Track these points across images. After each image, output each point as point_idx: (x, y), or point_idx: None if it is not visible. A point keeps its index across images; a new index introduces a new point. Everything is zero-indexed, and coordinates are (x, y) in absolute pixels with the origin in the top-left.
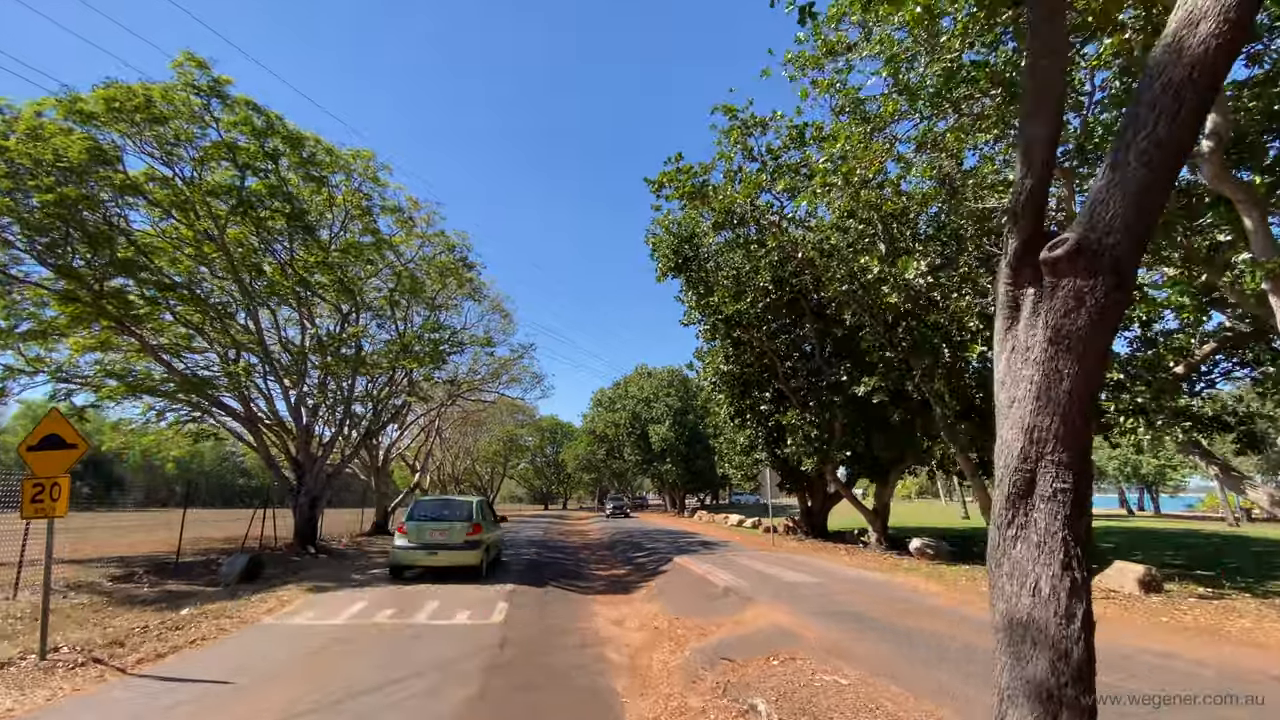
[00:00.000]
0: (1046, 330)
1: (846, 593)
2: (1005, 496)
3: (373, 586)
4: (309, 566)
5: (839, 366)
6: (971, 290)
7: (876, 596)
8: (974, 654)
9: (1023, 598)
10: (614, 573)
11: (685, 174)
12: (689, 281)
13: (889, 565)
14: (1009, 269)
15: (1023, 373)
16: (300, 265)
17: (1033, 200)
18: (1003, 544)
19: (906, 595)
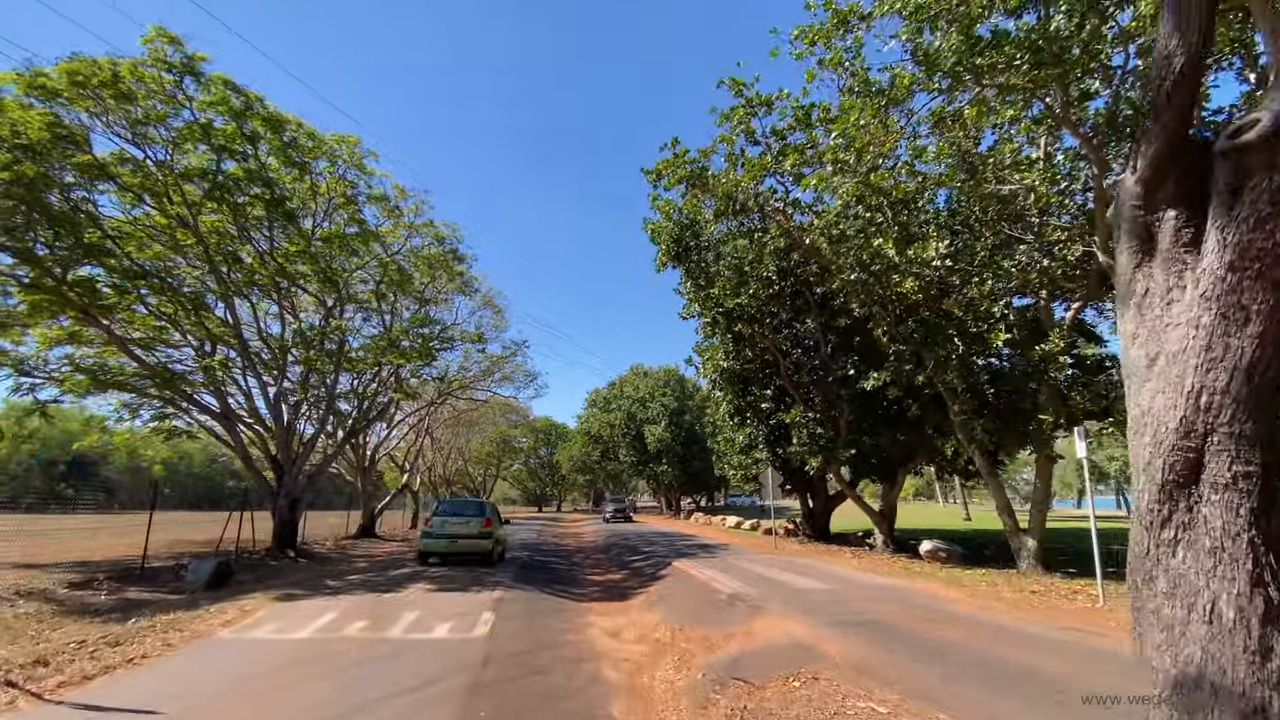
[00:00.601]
0: (1226, 252)
1: (863, 600)
2: (1158, 486)
3: (348, 594)
4: (286, 572)
5: (846, 361)
6: (991, 275)
7: (896, 604)
8: (1026, 674)
9: (1192, 625)
10: (609, 578)
11: (683, 160)
12: (689, 272)
13: (901, 569)
14: (1139, 185)
15: (1171, 319)
16: (280, 255)
17: (1184, 83)
18: (1155, 551)
19: (927, 603)
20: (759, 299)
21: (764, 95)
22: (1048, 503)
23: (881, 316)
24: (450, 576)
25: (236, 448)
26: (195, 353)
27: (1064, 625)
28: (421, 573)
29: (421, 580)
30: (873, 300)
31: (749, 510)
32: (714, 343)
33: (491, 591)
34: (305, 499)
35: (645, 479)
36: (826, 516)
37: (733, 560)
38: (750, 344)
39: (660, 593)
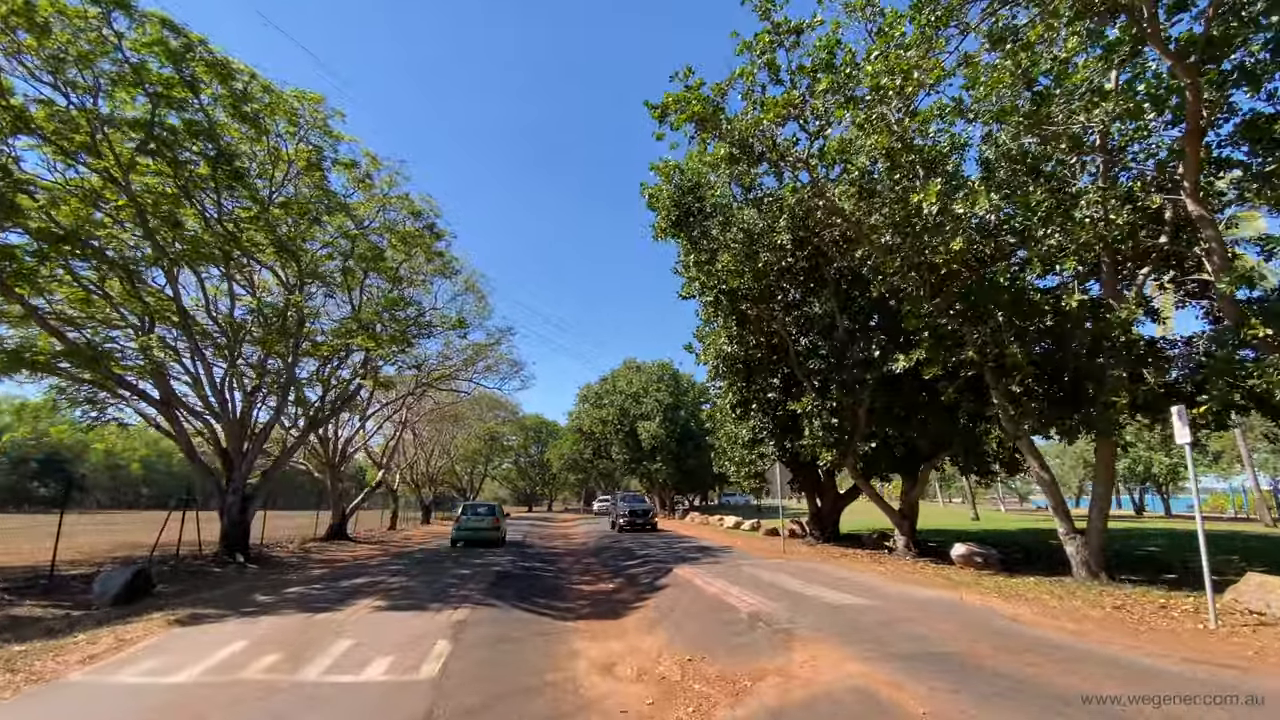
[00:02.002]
0: None
1: (917, 620)
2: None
3: (275, 614)
4: (222, 581)
5: (870, 341)
6: (1058, 228)
7: (955, 624)
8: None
9: None
10: (600, 588)
11: (695, 94)
12: (691, 242)
13: (939, 578)
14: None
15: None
16: (229, 222)
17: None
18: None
19: (993, 622)
20: (768, 274)
21: (794, 22)
22: (1109, 498)
23: (917, 286)
24: (410, 589)
25: (179, 439)
26: (135, 332)
27: (1193, 657)
28: (379, 584)
29: (375, 593)
30: (908, 267)
31: (746, 510)
32: (716, 327)
33: (454, 611)
34: (260, 497)
35: (639, 477)
36: (836, 516)
37: (742, 566)
38: (756, 327)
39: (661, 607)
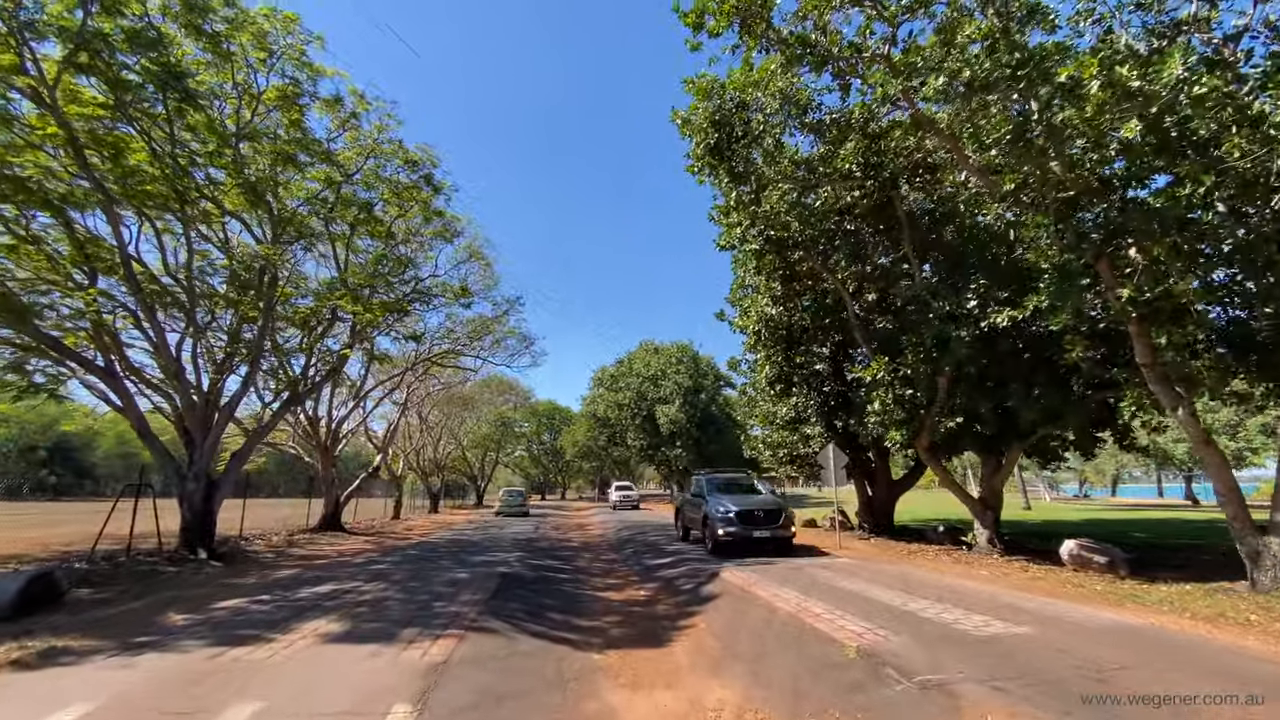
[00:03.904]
0: None
1: (1123, 665)
2: None
3: (170, 649)
4: (161, 586)
5: (959, 291)
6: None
7: (1200, 675)
8: None
9: None
10: (631, 596)
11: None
12: (732, 175)
13: (1072, 587)
14: None
15: None
16: (184, 156)
17: None
18: None
19: (1242, 666)
20: (827, 214)
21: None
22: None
23: (1041, 207)
24: (385, 604)
25: (128, 414)
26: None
27: None
28: (345, 594)
29: (335, 610)
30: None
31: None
32: (755, 289)
33: (433, 642)
34: (229, 482)
35: (655, 464)
36: (891, 506)
37: (804, 568)
38: (804, 285)
39: (719, 630)
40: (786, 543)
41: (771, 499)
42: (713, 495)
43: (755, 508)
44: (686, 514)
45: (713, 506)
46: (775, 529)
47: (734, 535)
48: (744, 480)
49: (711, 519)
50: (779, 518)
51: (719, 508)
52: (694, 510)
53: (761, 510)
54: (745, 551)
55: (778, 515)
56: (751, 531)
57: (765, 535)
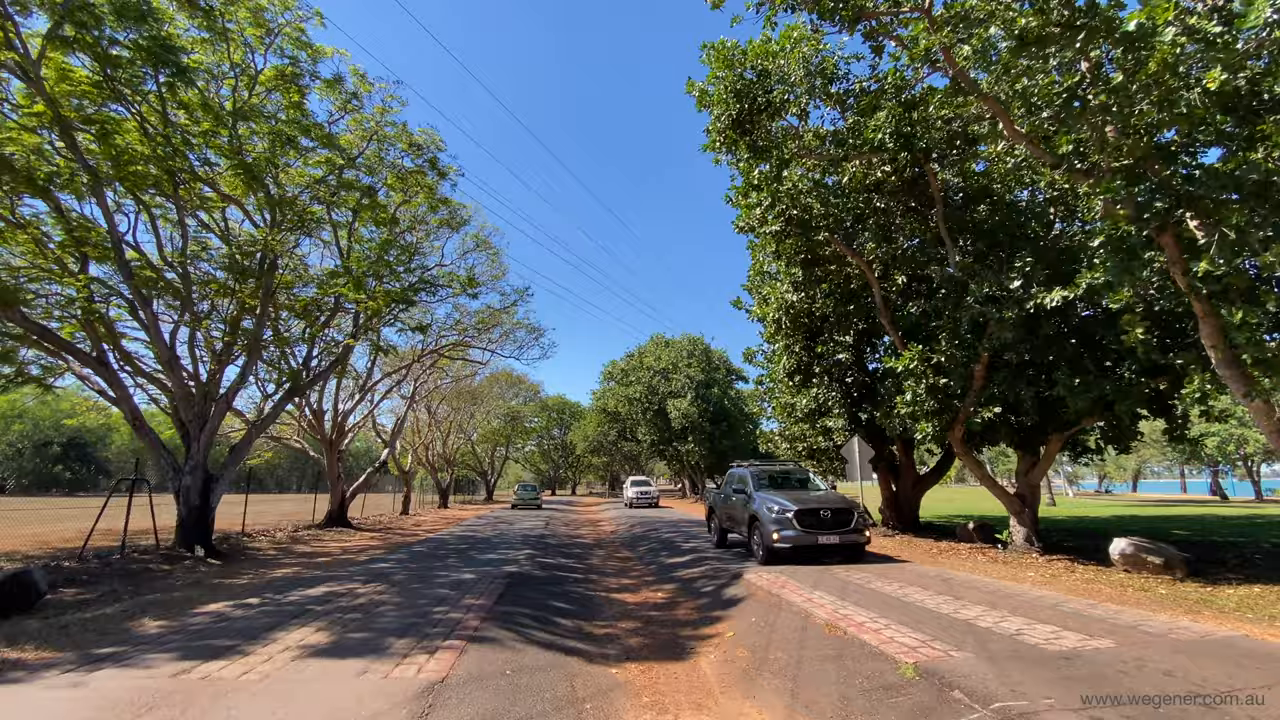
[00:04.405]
0: None
1: (1251, 687)
2: None
3: (133, 664)
4: (150, 586)
5: (998, 271)
6: None
7: None
8: None
9: None
10: (648, 598)
11: None
12: (753, 150)
13: (1134, 590)
14: None
15: None
16: (176, 135)
17: None
18: None
19: None
20: (856, 191)
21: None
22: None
23: (1098, 176)
24: (379, 608)
25: (121, 406)
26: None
27: None
28: (338, 598)
29: (323, 617)
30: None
31: None
32: (774, 275)
33: (429, 657)
34: (228, 477)
35: (666, 460)
36: (916, 501)
37: (834, 570)
38: (826, 269)
39: (749, 639)
40: (859, 550)
41: (838, 495)
42: (761, 491)
43: (819, 506)
44: (723, 514)
45: (762, 505)
46: (846, 533)
47: (793, 542)
48: (797, 473)
49: (762, 521)
50: (850, 519)
51: (771, 506)
52: (734, 509)
53: (828, 509)
54: (807, 561)
55: (848, 516)
56: (816, 536)
57: (833, 541)
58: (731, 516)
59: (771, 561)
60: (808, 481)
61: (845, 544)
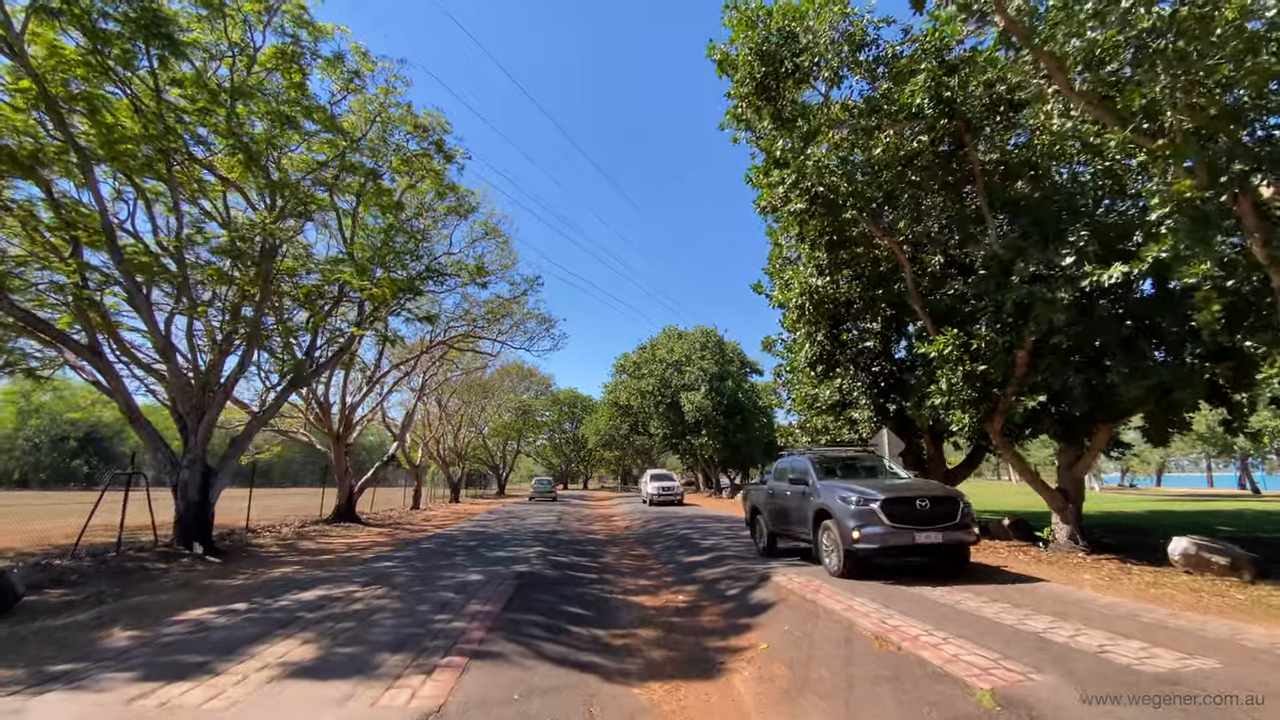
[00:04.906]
0: None
1: None
2: None
3: (85, 686)
4: (145, 586)
5: (1053, 245)
6: None
7: None
8: None
9: None
10: (667, 600)
11: None
12: (779, 121)
13: (1205, 594)
14: None
15: None
16: (170, 112)
17: None
18: None
19: None
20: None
21: None
22: None
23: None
24: (376, 615)
25: (116, 396)
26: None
27: None
28: (333, 603)
29: (313, 626)
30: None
31: None
32: (797, 259)
33: (427, 677)
34: (229, 471)
35: (679, 454)
36: None
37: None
38: (854, 250)
39: (785, 653)
40: (964, 554)
41: (936, 484)
42: (825, 481)
43: (914, 494)
44: (772, 513)
45: (833, 496)
46: (950, 529)
47: (881, 541)
48: (866, 458)
49: (836, 516)
50: (955, 510)
51: (847, 496)
52: (787, 506)
53: (925, 498)
54: (898, 569)
55: (952, 507)
56: (912, 534)
57: (934, 540)
58: (783, 515)
59: (851, 570)
60: (880, 468)
61: (950, 544)
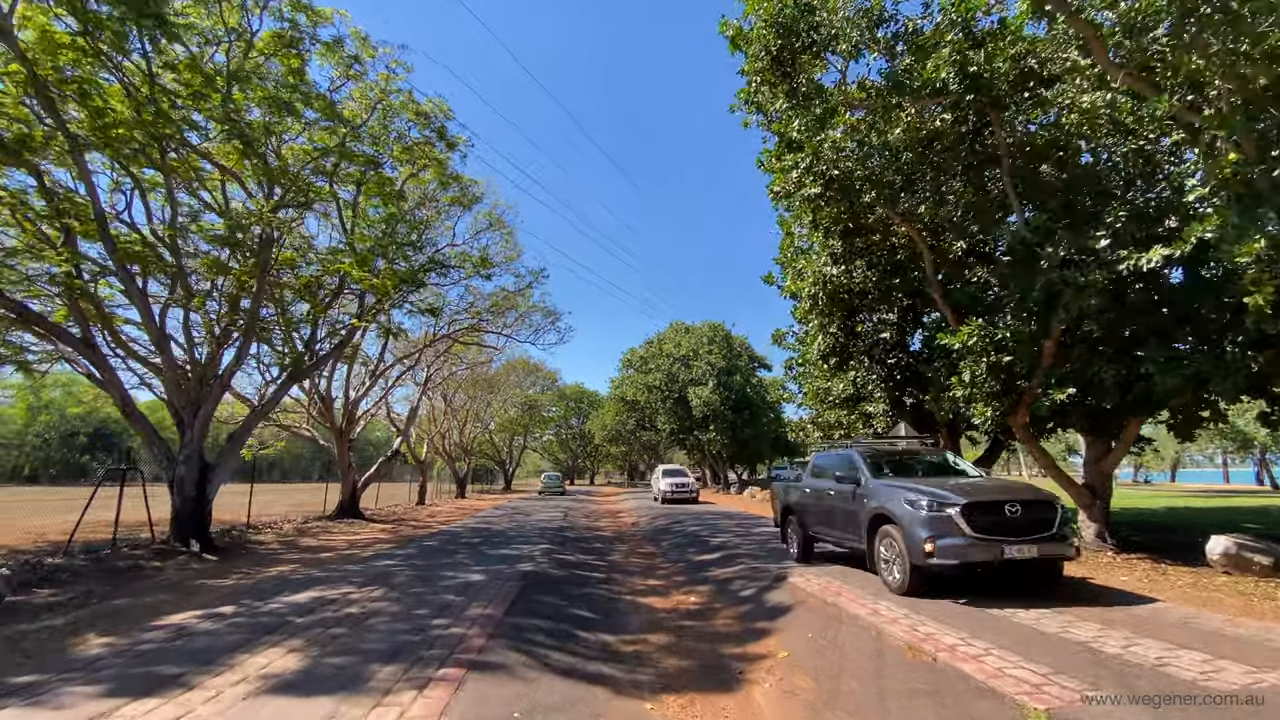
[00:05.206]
0: None
1: None
2: None
3: (40, 704)
4: (135, 587)
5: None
6: None
7: None
8: None
9: None
10: (678, 602)
11: None
12: (794, 99)
13: (1255, 597)
14: None
15: None
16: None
17: None
18: None
19: None
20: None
21: None
22: None
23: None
24: (371, 619)
25: (111, 390)
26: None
27: None
28: (325, 606)
29: (300, 635)
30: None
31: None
32: (810, 249)
33: (418, 691)
34: (227, 466)
35: (686, 449)
36: None
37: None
38: (870, 238)
39: (807, 663)
40: (1057, 571)
41: (1023, 484)
42: (882, 480)
43: (1002, 499)
44: (811, 513)
45: (897, 498)
46: (1046, 543)
47: (961, 555)
48: (926, 453)
49: (905, 525)
50: (1051, 518)
51: (916, 499)
52: (831, 506)
53: (1016, 504)
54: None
55: (1049, 514)
56: (1001, 548)
57: (1029, 555)
58: (826, 518)
59: (917, 588)
60: (945, 464)
61: (1045, 558)
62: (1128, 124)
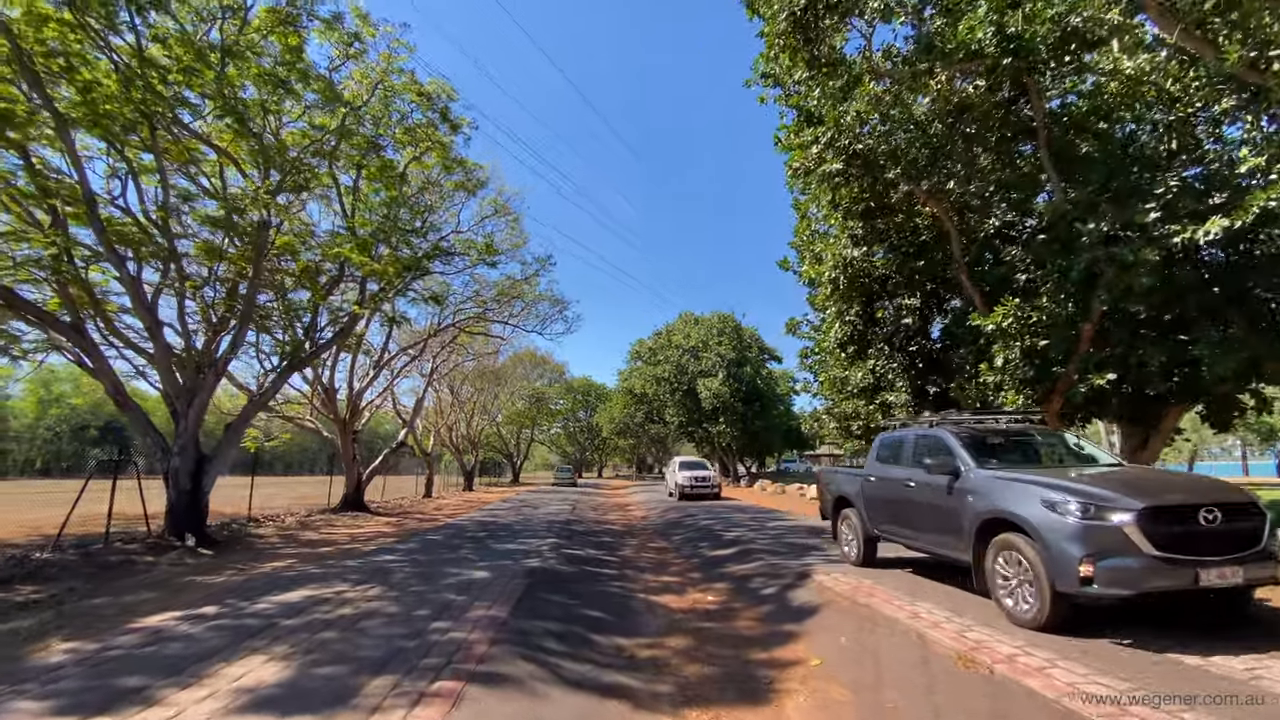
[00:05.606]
0: None
1: None
2: None
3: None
4: (122, 584)
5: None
6: None
7: None
8: None
9: None
10: (696, 601)
11: None
12: (816, 65)
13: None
14: None
15: None
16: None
17: None
18: None
19: None
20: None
21: None
22: None
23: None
24: (365, 620)
25: (103, 379)
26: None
27: None
28: (318, 606)
29: (285, 640)
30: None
31: (808, 477)
32: (829, 232)
33: (410, 708)
34: (224, 458)
35: (695, 441)
36: None
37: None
38: (892, 219)
39: (845, 673)
40: (1247, 599)
41: (1209, 480)
42: (990, 471)
43: (1196, 501)
44: (879, 506)
45: (1024, 498)
46: (1253, 564)
47: (1134, 583)
48: (1039, 433)
49: (1043, 535)
50: (1258, 530)
51: (1056, 500)
52: (911, 497)
53: (1212, 508)
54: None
55: (1254, 523)
56: (1195, 572)
57: (1233, 581)
58: (903, 515)
59: (1061, 624)
60: (1065, 448)
61: (1252, 584)
62: (1173, 91)
